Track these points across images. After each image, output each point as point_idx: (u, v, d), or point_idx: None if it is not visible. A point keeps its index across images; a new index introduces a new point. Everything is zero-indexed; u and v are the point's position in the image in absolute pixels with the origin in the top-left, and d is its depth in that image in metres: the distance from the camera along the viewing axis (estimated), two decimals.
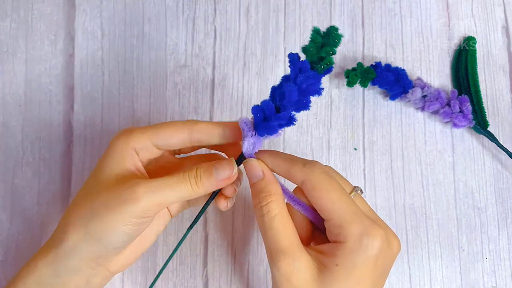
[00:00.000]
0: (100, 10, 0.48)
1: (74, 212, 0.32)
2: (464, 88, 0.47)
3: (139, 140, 0.33)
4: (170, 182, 0.31)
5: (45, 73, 0.47)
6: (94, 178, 0.33)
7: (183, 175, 0.32)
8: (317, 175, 0.30)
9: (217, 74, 0.47)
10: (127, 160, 0.33)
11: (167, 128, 0.33)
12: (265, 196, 0.31)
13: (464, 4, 0.50)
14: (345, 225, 0.29)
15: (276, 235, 0.30)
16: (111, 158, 0.33)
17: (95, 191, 0.32)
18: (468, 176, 0.46)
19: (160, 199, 0.31)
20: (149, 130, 0.33)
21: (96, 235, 0.31)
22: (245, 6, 0.49)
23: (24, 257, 0.43)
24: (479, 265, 0.44)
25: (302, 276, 0.29)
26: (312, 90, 0.30)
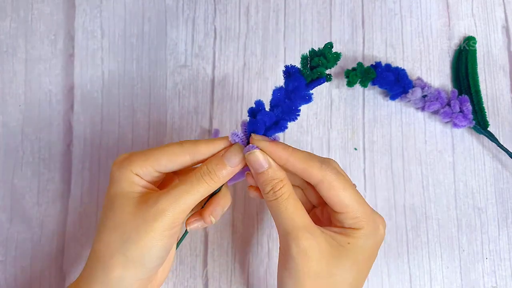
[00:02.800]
0: (100, 10, 0.48)
1: (106, 246, 0.33)
2: (464, 88, 0.47)
3: (141, 168, 0.33)
4: (188, 186, 0.32)
5: (45, 73, 0.47)
6: (112, 211, 0.33)
7: (196, 176, 0.33)
8: (333, 176, 0.33)
9: (217, 74, 0.47)
10: (135, 184, 0.33)
11: (167, 155, 0.34)
12: (277, 182, 0.33)
13: (464, 4, 0.50)
14: (362, 217, 0.33)
15: (292, 214, 0.32)
16: (120, 187, 0.33)
17: (119, 221, 0.33)
18: (468, 176, 0.46)
19: (183, 206, 0.32)
20: (150, 158, 0.33)
21: (137, 259, 0.32)
22: (245, 6, 0.49)
23: (24, 257, 0.43)
24: (479, 265, 0.44)
25: (319, 250, 0.32)
26: (298, 95, 0.31)
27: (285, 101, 0.32)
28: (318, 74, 0.31)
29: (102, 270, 0.32)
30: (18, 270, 0.43)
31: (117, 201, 0.33)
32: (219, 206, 0.35)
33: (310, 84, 0.31)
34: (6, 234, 0.43)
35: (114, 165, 0.34)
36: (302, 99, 0.32)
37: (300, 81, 0.31)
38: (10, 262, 0.43)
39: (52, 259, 0.43)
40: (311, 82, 0.31)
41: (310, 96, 0.32)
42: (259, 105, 0.33)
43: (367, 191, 0.45)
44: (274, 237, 0.44)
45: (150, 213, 0.31)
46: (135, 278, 0.32)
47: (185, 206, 0.32)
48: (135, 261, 0.32)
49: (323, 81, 0.31)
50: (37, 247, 0.43)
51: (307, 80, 0.31)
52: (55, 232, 0.44)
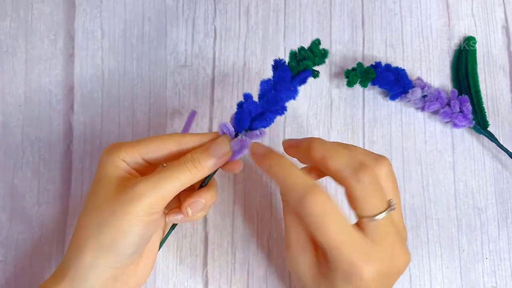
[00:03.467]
0: (100, 10, 0.48)
1: (82, 230, 0.32)
2: (464, 88, 0.47)
3: (127, 153, 0.33)
4: (168, 173, 0.32)
5: (45, 73, 0.47)
6: (93, 194, 0.33)
7: (178, 162, 0.32)
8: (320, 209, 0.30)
9: (217, 74, 0.47)
10: (120, 169, 0.33)
11: (155, 142, 0.34)
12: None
13: (464, 4, 0.50)
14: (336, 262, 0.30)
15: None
16: (104, 170, 0.33)
17: (97, 204, 0.32)
18: (468, 176, 0.46)
19: (163, 192, 0.31)
20: (137, 144, 0.34)
21: (110, 245, 0.31)
22: (245, 6, 0.49)
23: (24, 257, 0.43)
24: (479, 265, 0.44)
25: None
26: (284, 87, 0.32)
27: (271, 92, 0.32)
28: (304, 67, 0.32)
29: (75, 255, 0.32)
30: (18, 270, 0.43)
31: (99, 184, 0.33)
32: (200, 199, 0.35)
33: (296, 77, 0.32)
34: (6, 234, 0.44)
35: (104, 151, 0.34)
36: (287, 91, 0.32)
37: (286, 72, 0.32)
38: (10, 262, 0.43)
39: (52, 259, 0.43)
40: (297, 75, 0.32)
41: (296, 89, 0.32)
42: (247, 97, 0.33)
43: None
44: (274, 237, 0.44)
45: (127, 196, 0.31)
46: (107, 265, 0.31)
47: (164, 192, 0.31)
48: (107, 246, 0.31)
49: (309, 74, 0.32)
50: (37, 247, 0.43)
51: (293, 72, 0.32)
52: (55, 232, 0.44)
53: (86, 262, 0.31)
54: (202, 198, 0.35)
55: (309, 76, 0.32)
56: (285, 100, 0.33)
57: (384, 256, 0.30)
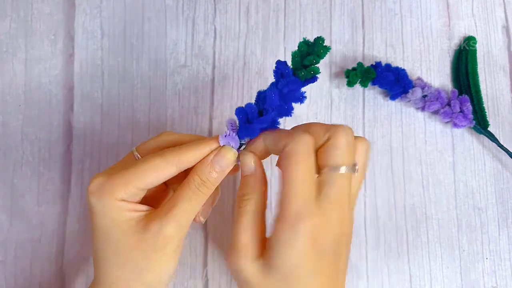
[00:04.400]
0: (100, 10, 0.48)
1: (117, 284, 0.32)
2: (465, 88, 0.47)
3: (124, 192, 0.31)
4: (188, 206, 0.31)
5: (45, 73, 0.47)
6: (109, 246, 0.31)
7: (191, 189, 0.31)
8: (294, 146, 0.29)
9: (217, 74, 0.47)
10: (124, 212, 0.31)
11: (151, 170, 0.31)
12: (250, 191, 0.31)
13: (464, 4, 0.50)
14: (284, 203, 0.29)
15: (237, 232, 0.31)
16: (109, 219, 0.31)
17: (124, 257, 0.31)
18: (468, 176, 0.46)
19: (188, 225, 0.32)
20: (132, 178, 0.30)
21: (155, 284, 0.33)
22: (245, 6, 0.49)
23: (23, 257, 0.43)
24: (480, 265, 0.44)
25: (250, 272, 0.30)
26: (293, 96, 0.30)
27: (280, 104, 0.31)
28: (312, 73, 0.30)
29: None
30: (18, 270, 0.43)
31: (113, 235, 0.31)
32: (208, 205, 0.35)
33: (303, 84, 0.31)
34: (6, 234, 0.43)
35: (92, 194, 0.31)
36: (296, 100, 0.31)
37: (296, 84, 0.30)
38: (10, 262, 0.43)
39: (52, 259, 0.43)
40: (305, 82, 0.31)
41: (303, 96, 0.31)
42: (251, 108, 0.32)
43: (367, 191, 0.45)
44: None
45: (158, 241, 0.31)
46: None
47: (187, 223, 0.32)
48: (153, 286, 0.32)
49: (316, 79, 0.31)
50: (37, 247, 0.43)
51: (302, 80, 0.30)
52: (55, 232, 0.44)
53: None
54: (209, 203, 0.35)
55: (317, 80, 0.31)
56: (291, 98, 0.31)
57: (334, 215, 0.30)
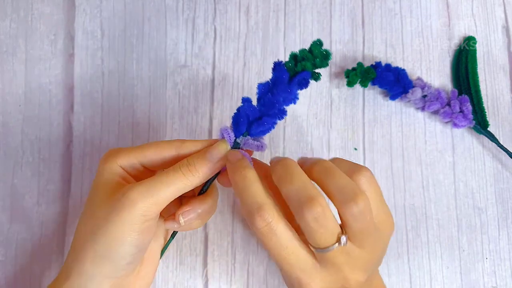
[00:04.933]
0: (100, 10, 0.48)
1: (79, 237, 0.32)
2: (464, 88, 0.47)
3: (126, 159, 0.33)
4: (163, 177, 0.31)
5: (45, 73, 0.47)
6: (90, 201, 0.33)
7: (174, 167, 0.32)
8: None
9: (217, 74, 0.47)
10: (116, 175, 0.33)
11: (153, 148, 0.33)
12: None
13: (464, 4, 0.50)
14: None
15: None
16: (101, 177, 0.33)
17: (92, 210, 0.32)
18: (468, 176, 0.46)
19: (156, 197, 0.30)
20: (135, 150, 0.33)
21: (105, 254, 0.30)
22: (245, 6, 0.49)
23: (23, 257, 0.43)
24: (480, 265, 0.44)
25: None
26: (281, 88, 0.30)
27: (267, 95, 0.31)
28: (302, 67, 0.30)
29: (75, 263, 0.31)
30: (18, 270, 0.43)
31: (95, 191, 0.33)
32: (193, 209, 0.33)
33: (293, 78, 0.30)
34: (6, 234, 0.43)
35: (101, 158, 0.34)
36: (284, 93, 0.30)
37: (283, 73, 0.30)
38: (10, 262, 0.43)
39: (52, 259, 0.43)
40: (294, 76, 0.30)
41: (293, 92, 0.30)
42: (245, 100, 0.32)
43: None
44: None
45: (120, 202, 0.30)
46: (104, 275, 0.31)
47: (158, 197, 0.30)
48: (103, 255, 0.30)
49: (307, 76, 0.30)
50: (37, 247, 0.43)
51: (290, 73, 0.30)
52: (55, 232, 0.44)
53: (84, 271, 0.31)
54: (196, 207, 0.33)
55: (308, 78, 0.31)
56: (283, 103, 0.31)
57: (334, 279, 0.30)
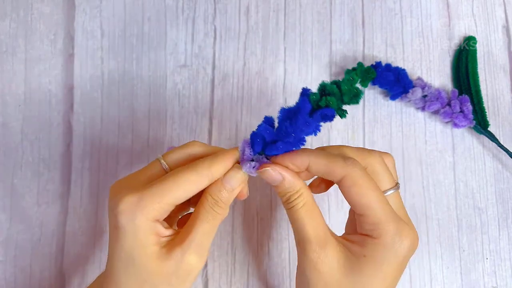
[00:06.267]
0: (100, 10, 0.48)
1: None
2: (465, 88, 0.47)
3: (158, 210, 0.30)
4: (206, 229, 0.32)
5: (45, 73, 0.47)
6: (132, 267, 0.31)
7: (206, 209, 0.32)
8: (358, 172, 0.31)
9: (217, 74, 0.47)
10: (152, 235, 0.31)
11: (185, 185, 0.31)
12: (291, 194, 0.32)
13: (464, 4, 0.50)
14: (381, 224, 0.30)
15: (302, 225, 0.31)
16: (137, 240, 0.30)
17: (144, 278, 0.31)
18: (468, 176, 0.46)
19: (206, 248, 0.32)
20: (166, 194, 0.30)
21: None
22: (245, 6, 0.49)
23: (23, 257, 0.43)
24: (480, 265, 0.44)
25: (328, 263, 0.31)
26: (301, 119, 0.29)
27: (286, 122, 0.30)
28: (327, 103, 0.29)
29: None
30: (18, 270, 0.43)
31: (137, 257, 0.30)
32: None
33: (316, 111, 0.29)
34: (6, 234, 0.43)
35: (122, 214, 0.30)
36: (303, 126, 0.29)
37: (305, 103, 0.29)
38: (10, 262, 0.43)
39: (52, 259, 0.43)
40: (317, 109, 0.29)
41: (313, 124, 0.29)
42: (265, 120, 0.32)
43: None
44: (274, 237, 0.44)
45: (181, 269, 0.31)
46: None
47: (208, 245, 0.32)
48: None
49: (331, 112, 0.29)
50: (37, 247, 0.43)
51: (314, 105, 0.29)
52: (55, 232, 0.44)
53: None
54: None
55: (332, 114, 0.29)
56: (300, 134, 0.30)
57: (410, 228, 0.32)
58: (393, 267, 0.31)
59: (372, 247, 0.30)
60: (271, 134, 0.31)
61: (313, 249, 0.31)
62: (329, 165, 0.31)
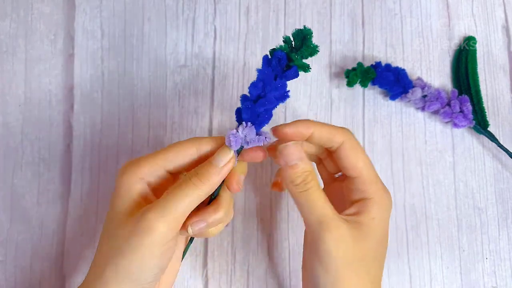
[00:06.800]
0: (100, 10, 0.48)
1: (101, 255, 0.32)
2: (464, 88, 0.47)
3: (148, 168, 0.33)
4: (176, 193, 0.31)
5: (45, 73, 0.47)
6: (109, 219, 0.33)
7: (184, 179, 0.32)
8: (354, 139, 0.35)
9: (217, 74, 0.47)
10: (135, 193, 0.33)
11: (173, 149, 0.34)
12: (307, 174, 0.33)
13: (464, 4, 0.50)
14: (373, 184, 0.34)
15: (324, 204, 0.33)
16: (119, 194, 0.33)
17: (113, 231, 0.32)
18: (468, 176, 0.46)
19: (173, 215, 0.31)
20: (157, 156, 0.33)
21: (129, 274, 0.31)
22: (245, 6, 0.49)
23: (23, 257, 0.43)
24: (480, 265, 0.44)
25: (351, 237, 0.32)
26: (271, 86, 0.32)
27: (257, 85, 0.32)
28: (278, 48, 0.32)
29: (98, 283, 0.31)
30: (18, 270, 0.43)
31: (113, 210, 0.33)
32: (203, 219, 0.33)
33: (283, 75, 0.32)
34: (6, 234, 0.43)
35: (119, 170, 0.34)
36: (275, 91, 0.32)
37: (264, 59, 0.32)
38: (10, 262, 0.43)
39: (52, 259, 0.43)
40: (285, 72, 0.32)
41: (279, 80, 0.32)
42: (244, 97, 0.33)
43: None
44: (274, 237, 0.44)
45: (139, 225, 0.30)
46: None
47: (175, 214, 0.31)
48: (127, 275, 0.31)
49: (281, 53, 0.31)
50: (37, 247, 0.43)
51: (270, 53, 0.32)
52: (55, 232, 0.44)
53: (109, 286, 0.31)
54: (206, 217, 0.33)
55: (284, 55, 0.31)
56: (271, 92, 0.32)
57: None
58: (387, 222, 0.35)
59: (374, 208, 0.34)
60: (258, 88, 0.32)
61: (338, 225, 0.32)
62: (332, 131, 0.35)
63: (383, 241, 0.35)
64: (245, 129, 0.33)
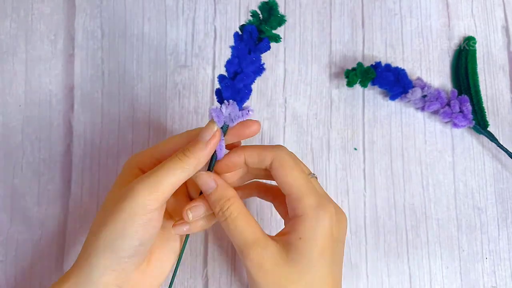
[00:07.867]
0: (100, 10, 0.48)
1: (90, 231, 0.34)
2: (464, 88, 0.47)
3: (143, 157, 0.36)
4: (163, 166, 0.32)
5: (45, 73, 0.47)
6: (105, 198, 0.35)
7: (171, 156, 0.33)
8: (284, 155, 0.34)
9: (217, 74, 0.47)
10: (131, 176, 0.35)
11: (167, 142, 0.36)
12: (224, 202, 0.33)
13: (464, 4, 0.50)
14: (303, 198, 0.32)
15: (241, 232, 0.32)
16: (118, 179, 0.36)
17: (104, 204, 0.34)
18: (468, 176, 0.46)
19: (157, 186, 0.31)
20: (152, 148, 0.36)
21: (108, 245, 0.31)
22: (245, 6, 0.49)
23: (24, 257, 0.43)
24: (479, 265, 0.44)
25: (272, 260, 0.32)
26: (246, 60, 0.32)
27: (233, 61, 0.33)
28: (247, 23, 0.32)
29: (82, 254, 0.32)
30: (18, 270, 0.43)
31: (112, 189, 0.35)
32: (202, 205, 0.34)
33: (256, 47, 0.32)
34: (6, 234, 0.44)
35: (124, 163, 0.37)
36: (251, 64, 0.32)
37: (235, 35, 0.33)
38: (10, 262, 0.43)
39: (52, 259, 0.43)
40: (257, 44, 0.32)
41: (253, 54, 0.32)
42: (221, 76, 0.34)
43: (367, 191, 0.45)
44: None
45: (123, 193, 0.31)
46: (107, 266, 0.31)
47: (159, 186, 0.31)
48: (106, 246, 0.31)
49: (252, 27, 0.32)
50: (37, 247, 0.43)
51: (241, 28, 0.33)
52: (55, 232, 0.44)
53: (88, 261, 0.31)
54: (204, 203, 0.34)
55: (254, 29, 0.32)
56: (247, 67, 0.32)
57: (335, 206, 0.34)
58: (326, 241, 0.32)
59: (301, 226, 0.32)
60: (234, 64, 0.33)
61: (256, 252, 0.31)
62: (261, 152, 0.34)
63: (320, 261, 0.32)
64: (229, 107, 0.33)
